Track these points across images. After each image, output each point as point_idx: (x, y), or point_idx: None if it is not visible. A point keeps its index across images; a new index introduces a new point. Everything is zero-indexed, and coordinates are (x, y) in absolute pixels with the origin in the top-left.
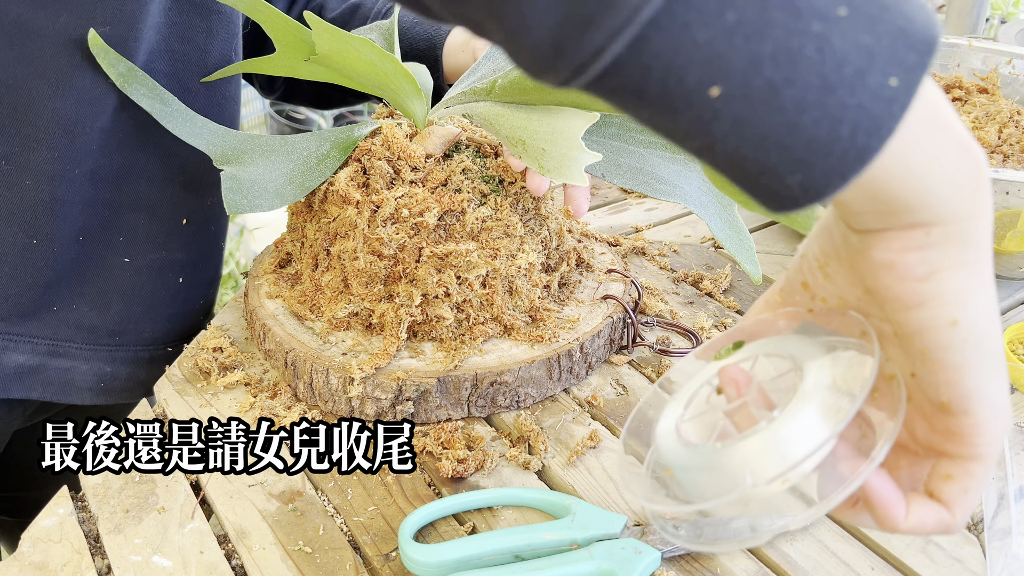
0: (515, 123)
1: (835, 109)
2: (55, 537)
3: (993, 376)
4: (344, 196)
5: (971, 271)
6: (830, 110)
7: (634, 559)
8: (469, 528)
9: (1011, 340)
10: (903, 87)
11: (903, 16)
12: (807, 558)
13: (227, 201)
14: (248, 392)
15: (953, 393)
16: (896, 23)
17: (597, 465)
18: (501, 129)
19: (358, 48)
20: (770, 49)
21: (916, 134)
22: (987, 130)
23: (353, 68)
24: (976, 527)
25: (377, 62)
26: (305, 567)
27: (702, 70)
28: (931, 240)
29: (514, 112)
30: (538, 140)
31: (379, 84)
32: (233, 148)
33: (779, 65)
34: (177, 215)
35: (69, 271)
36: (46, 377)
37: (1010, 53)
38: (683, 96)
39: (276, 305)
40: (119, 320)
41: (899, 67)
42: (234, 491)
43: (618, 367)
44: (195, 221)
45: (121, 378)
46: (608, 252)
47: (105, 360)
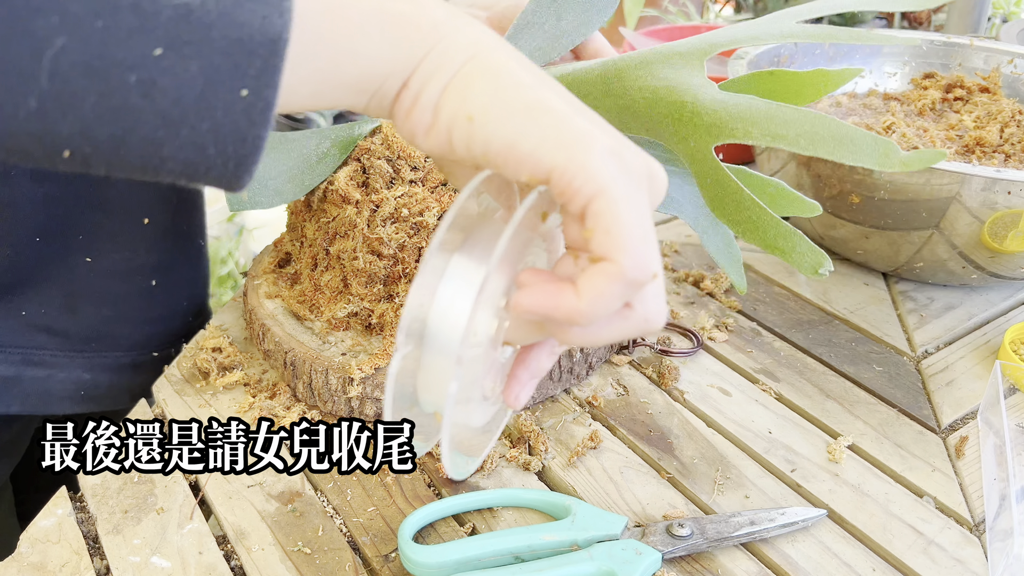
0: None
1: (195, 137)
2: (53, 538)
3: (536, 124)
4: (344, 195)
5: (457, 85)
6: (190, 139)
7: (634, 560)
8: (469, 529)
9: (1013, 340)
10: (255, 94)
11: (235, 26)
12: (808, 559)
13: (227, 198)
14: (247, 392)
15: (528, 168)
16: (229, 37)
17: (598, 466)
18: None
19: None
20: (91, 113)
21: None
22: (989, 130)
23: None
24: (978, 528)
25: None
26: (304, 568)
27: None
28: (412, 94)
29: None
30: None
31: None
32: None
33: (111, 122)
34: (135, 214)
35: (32, 273)
36: (23, 388)
37: (1012, 52)
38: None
39: (275, 305)
40: (91, 325)
41: (244, 77)
42: (233, 492)
43: (619, 367)
44: (159, 221)
45: (102, 386)
46: None
47: (83, 367)
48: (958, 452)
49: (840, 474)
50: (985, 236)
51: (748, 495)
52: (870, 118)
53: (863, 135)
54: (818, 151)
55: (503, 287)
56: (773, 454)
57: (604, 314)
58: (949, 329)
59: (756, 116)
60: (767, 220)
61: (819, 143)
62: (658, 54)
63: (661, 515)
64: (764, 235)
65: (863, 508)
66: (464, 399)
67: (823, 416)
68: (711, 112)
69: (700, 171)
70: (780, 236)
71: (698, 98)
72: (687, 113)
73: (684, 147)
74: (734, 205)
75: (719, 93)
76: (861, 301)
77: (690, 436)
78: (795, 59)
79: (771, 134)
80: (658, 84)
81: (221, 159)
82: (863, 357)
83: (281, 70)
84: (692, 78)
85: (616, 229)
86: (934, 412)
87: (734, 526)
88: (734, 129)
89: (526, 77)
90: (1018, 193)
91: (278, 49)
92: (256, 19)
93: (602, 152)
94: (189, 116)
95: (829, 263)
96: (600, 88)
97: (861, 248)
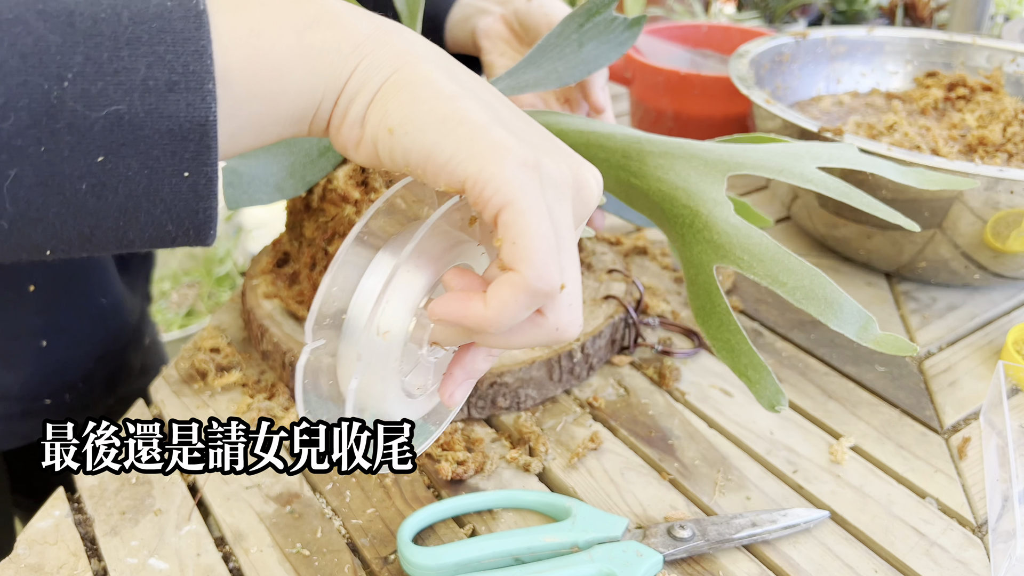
0: None
1: (152, 220)
2: (51, 539)
3: (451, 136)
4: (343, 195)
5: (381, 99)
6: (149, 223)
7: (635, 562)
8: (469, 531)
9: (1016, 340)
10: (196, 172)
11: (164, 119)
12: (810, 561)
13: (226, 196)
14: (245, 393)
15: (444, 178)
16: (160, 131)
17: (598, 467)
18: None
19: None
20: (57, 220)
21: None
22: (992, 128)
23: None
24: (980, 529)
25: None
26: (303, 570)
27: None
28: (341, 112)
29: None
30: None
31: None
32: None
33: (77, 223)
34: (21, 281)
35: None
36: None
37: (1014, 51)
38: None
39: (273, 305)
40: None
41: (182, 162)
42: (231, 493)
43: (619, 368)
44: (48, 287)
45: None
46: (609, 252)
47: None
48: (961, 453)
49: (842, 475)
50: (988, 236)
51: (750, 496)
52: (872, 117)
53: (851, 305)
54: (808, 308)
55: (424, 286)
56: (775, 455)
57: (510, 322)
58: (952, 329)
59: (763, 255)
60: (744, 348)
61: (811, 300)
62: (683, 149)
63: (662, 516)
64: (737, 360)
65: (865, 509)
66: (378, 394)
67: (825, 417)
68: (722, 233)
69: (694, 280)
70: (751, 366)
71: (712, 214)
72: (699, 224)
73: (686, 251)
74: (718, 323)
75: (733, 217)
76: (863, 301)
77: (691, 437)
78: (797, 58)
79: (772, 276)
80: (676, 183)
81: (181, 231)
82: (865, 358)
83: (214, 148)
84: (711, 190)
85: (522, 241)
86: (936, 413)
87: (736, 528)
88: (740, 258)
89: (448, 87)
90: (1021, 193)
91: (207, 130)
92: (182, 109)
93: (515, 163)
94: (142, 205)
95: (786, 402)
96: (619, 159)
97: (864, 248)
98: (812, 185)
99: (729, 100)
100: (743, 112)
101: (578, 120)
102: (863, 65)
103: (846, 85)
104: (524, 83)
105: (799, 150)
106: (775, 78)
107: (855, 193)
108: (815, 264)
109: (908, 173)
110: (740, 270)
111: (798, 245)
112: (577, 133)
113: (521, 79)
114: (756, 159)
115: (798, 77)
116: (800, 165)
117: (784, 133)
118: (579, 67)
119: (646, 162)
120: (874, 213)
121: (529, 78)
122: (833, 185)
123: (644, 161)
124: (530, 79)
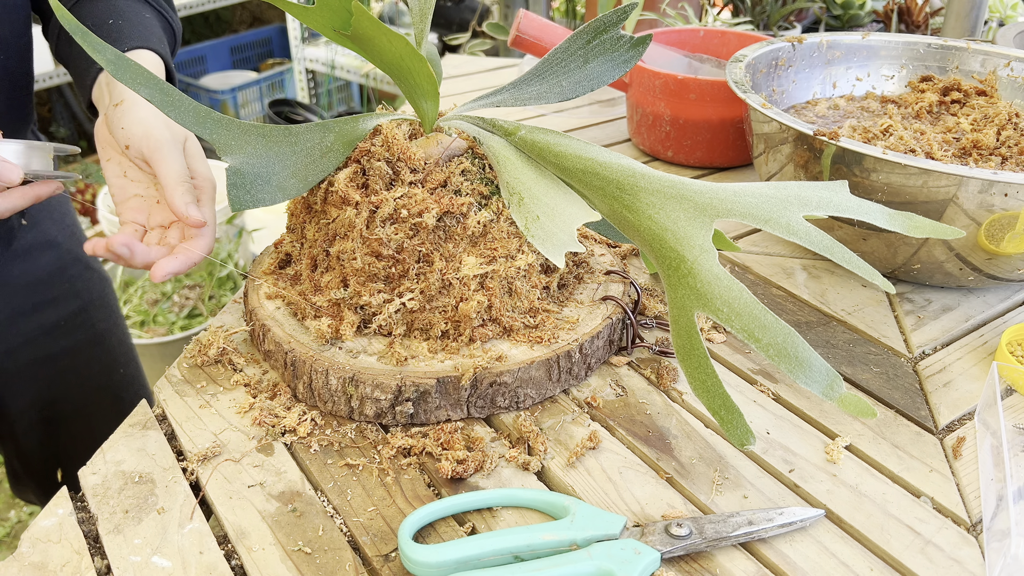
0: (522, 177)
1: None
2: (54, 537)
3: None
4: (344, 197)
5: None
6: None
7: (633, 560)
8: (469, 529)
9: (1010, 341)
10: None
11: None
12: (806, 559)
13: (230, 198)
14: (247, 393)
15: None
16: None
17: (596, 466)
18: (505, 174)
19: (392, 41)
20: None
21: None
22: (986, 132)
23: (381, 53)
24: (975, 528)
25: (405, 57)
26: (305, 568)
27: None
28: None
29: (525, 167)
30: (537, 206)
31: (400, 75)
32: (236, 137)
33: None
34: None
35: None
36: None
37: (1008, 55)
38: None
39: (275, 306)
40: None
41: None
42: (233, 492)
43: (617, 368)
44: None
45: None
46: (607, 253)
47: None
48: (955, 453)
49: (838, 474)
50: (982, 238)
51: (746, 495)
52: (867, 121)
53: (820, 365)
54: (780, 364)
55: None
56: (771, 454)
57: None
58: (946, 330)
59: (742, 310)
60: (718, 391)
61: (783, 357)
62: (675, 189)
63: (660, 515)
64: (711, 400)
65: (861, 508)
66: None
67: (821, 417)
68: (705, 283)
69: (677, 320)
70: (724, 407)
71: (698, 262)
72: (684, 270)
73: (671, 292)
74: (696, 364)
75: (717, 267)
76: (859, 303)
77: (688, 436)
78: (792, 62)
79: (748, 331)
80: (666, 224)
81: None
82: (861, 358)
83: None
84: (698, 235)
85: None
86: (931, 413)
87: (732, 526)
88: (719, 310)
89: None
90: (1015, 195)
91: None
92: None
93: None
94: None
95: (755, 440)
96: (614, 190)
97: (859, 250)
98: (797, 238)
99: (726, 104)
100: (739, 116)
101: (577, 144)
102: (858, 69)
103: (842, 89)
104: (527, 96)
105: (789, 195)
106: (771, 82)
107: (837, 248)
108: (810, 265)
109: (896, 219)
110: (719, 321)
111: (794, 248)
112: (576, 158)
113: (525, 91)
114: (745, 206)
115: (794, 81)
116: (787, 215)
117: (780, 137)
118: (583, 83)
119: (639, 198)
120: (854, 271)
121: (532, 91)
122: (817, 239)
123: (637, 196)
124: (533, 92)
